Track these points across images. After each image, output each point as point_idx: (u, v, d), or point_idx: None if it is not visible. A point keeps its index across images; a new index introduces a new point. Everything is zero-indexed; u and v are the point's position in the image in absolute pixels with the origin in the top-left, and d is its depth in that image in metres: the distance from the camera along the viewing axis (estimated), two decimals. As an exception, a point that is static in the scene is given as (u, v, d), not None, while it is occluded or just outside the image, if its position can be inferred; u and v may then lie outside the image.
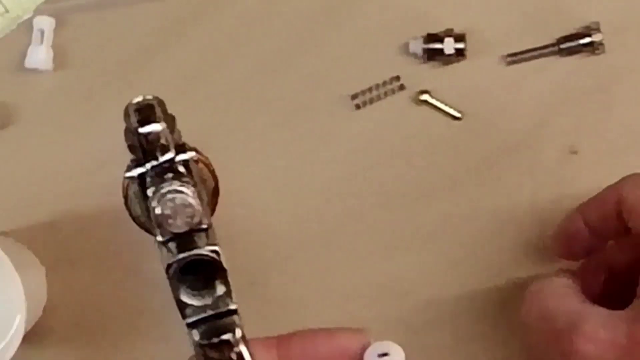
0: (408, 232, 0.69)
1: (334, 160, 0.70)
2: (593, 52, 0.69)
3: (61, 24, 0.72)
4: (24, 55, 0.72)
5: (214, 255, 0.47)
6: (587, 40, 0.69)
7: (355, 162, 0.70)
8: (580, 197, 0.68)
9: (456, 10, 0.70)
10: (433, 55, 0.69)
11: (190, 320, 0.47)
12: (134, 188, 0.53)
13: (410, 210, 0.70)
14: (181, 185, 0.48)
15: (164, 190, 0.48)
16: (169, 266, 0.48)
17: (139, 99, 0.53)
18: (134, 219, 0.66)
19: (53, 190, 0.72)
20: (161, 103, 0.53)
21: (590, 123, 0.69)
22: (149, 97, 0.53)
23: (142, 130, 0.50)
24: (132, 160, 0.52)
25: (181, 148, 0.51)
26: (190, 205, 0.47)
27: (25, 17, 0.72)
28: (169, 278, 0.48)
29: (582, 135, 0.69)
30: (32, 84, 0.72)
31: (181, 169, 0.50)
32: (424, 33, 0.69)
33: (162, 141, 0.50)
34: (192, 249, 0.47)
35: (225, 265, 0.48)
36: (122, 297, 0.71)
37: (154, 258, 0.70)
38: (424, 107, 0.70)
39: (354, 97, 0.70)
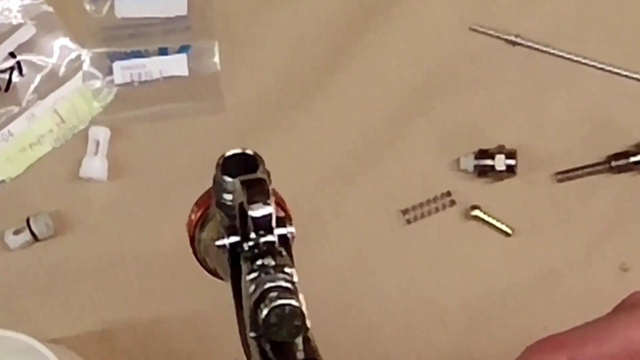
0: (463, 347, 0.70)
1: (386, 276, 0.70)
2: (644, 171, 0.70)
3: (117, 135, 0.73)
4: (79, 164, 0.73)
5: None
6: (638, 158, 0.69)
7: (407, 277, 0.70)
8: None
9: (508, 126, 0.71)
10: (484, 172, 0.70)
11: None
12: (207, 242, 0.49)
13: (462, 326, 0.70)
14: (286, 281, 0.42)
15: (268, 289, 0.42)
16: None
17: (236, 151, 0.47)
18: (200, 261, 0.59)
19: (106, 299, 0.72)
20: (260, 161, 0.47)
21: (641, 240, 0.70)
22: (249, 152, 0.47)
23: (252, 213, 0.44)
24: (225, 227, 0.46)
25: (281, 222, 0.46)
26: (300, 314, 0.42)
27: (81, 127, 0.74)
28: None
29: (634, 253, 0.70)
30: (86, 193, 0.73)
31: (282, 251, 0.44)
32: (476, 149, 0.70)
33: (272, 224, 0.44)
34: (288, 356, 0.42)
35: None
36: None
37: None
38: (475, 223, 0.70)
39: (405, 212, 0.71)
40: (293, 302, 0.42)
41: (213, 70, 0.72)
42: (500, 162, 0.69)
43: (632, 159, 0.70)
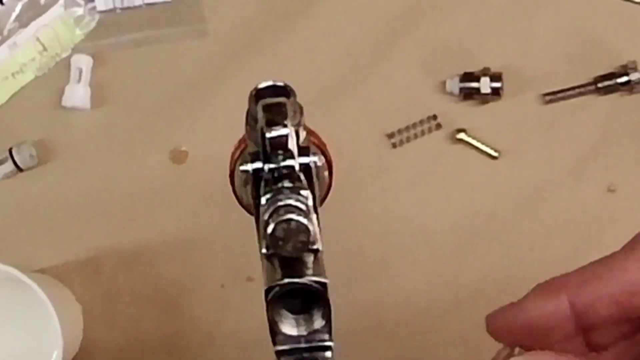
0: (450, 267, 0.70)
1: (370, 199, 0.70)
2: (631, 91, 0.69)
3: (99, 62, 0.72)
4: (61, 93, 0.72)
5: (319, 287, 0.43)
6: (624, 79, 0.69)
7: (393, 201, 0.70)
8: (619, 236, 0.68)
9: (494, 47, 0.70)
10: (470, 95, 0.69)
11: (280, 348, 0.43)
12: (244, 175, 0.49)
13: (449, 246, 0.70)
14: (298, 201, 0.43)
15: (280, 206, 0.43)
16: (269, 289, 0.43)
17: (268, 83, 0.48)
18: (238, 197, 0.59)
19: (91, 227, 0.72)
20: (291, 92, 0.48)
21: (628, 161, 0.69)
22: (280, 83, 0.48)
23: (268, 134, 0.45)
24: (249, 153, 0.47)
25: (304, 150, 0.47)
26: (305, 230, 0.43)
27: (64, 55, 0.73)
28: (266, 300, 0.43)
29: (620, 174, 0.69)
30: (70, 122, 0.73)
31: (301, 175, 0.46)
32: (461, 72, 0.69)
33: (288, 146, 0.45)
34: (298, 274, 0.43)
35: (330, 298, 0.43)
36: (161, 333, 0.71)
37: (194, 294, 0.71)
38: (461, 146, 0.70)
39: (390, 135, 0.70)
40: (300, 218, 0.43)
41: (195, -5, 0.72)
42: (485, 85, 0.69)
43: (619, 80, 0.69)
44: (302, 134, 0.49)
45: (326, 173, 0.67)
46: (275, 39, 0.71)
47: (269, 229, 0.43)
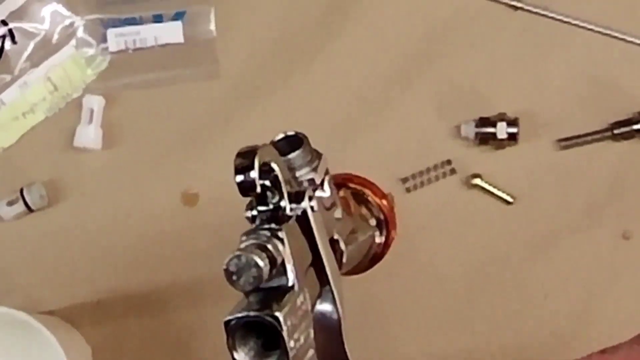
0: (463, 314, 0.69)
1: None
2: (647, 137, 0.69)
3: (111, 102, 0.72)
4: (72, 133, 0.72)
5: (272, 321, 0.43)
6: (641, 125, 0.68)
7: (406, 246, 0.69)
8: (634, 283, 0.68)
9: (509, 94, 0.69)
10: (485, 139, 0.69)
11: None
12: None
13: (462, 293, 0.69)
14: (267, 242, 0.45)
15: (241, 246, 0.45)
16: (227, 322, 0.44)
17: (280, 137, 0.51)
18: None
19: (100, 269, 0.72)
20: (299, 142, 0.51)
21: (644, 208, 0.69)
22: (290, 133, 0.51)
23: (236, 178, 0.47)
24: (250, 200, 0.49)
25: (298, 196, 0.48)
26: (255, 266, 0.44)
27: (75, 95, 0.72)
28: (226, 332, 0.44)
29: (635, 220, 0.69)
30: (80, 162, 0.72)
31: (291, 219, 0.47)
32: (476, 115, 0.69)
33: (256, 191, 0.46)
34: (262, 309, 0.44)
35: (284, 332, 0.43)
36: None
37: (203, 339, 0.71)
38: (475, 191, 0.69)
39: (404, 180, 0.70)
40: (252, 255, 0.44)
41: (208, 37, 0.71)
42: (502, 130, 0.68)
43: (635, 126, 0.68)
44: (319, 180, 0.51)
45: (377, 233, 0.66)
46: (288, 81, 0.71)
47: (224, 266, 0.44)
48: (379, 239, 0.67)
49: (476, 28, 0.70)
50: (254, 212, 0.48)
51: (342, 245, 0.53)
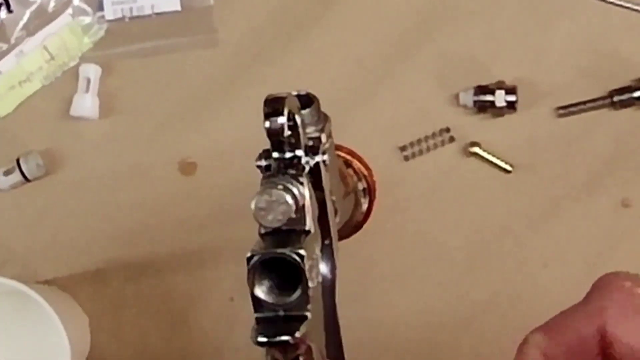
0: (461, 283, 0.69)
1: (381, 213, 0.69)
2: (646, 105, 0.68)
3: (107, 72, 0.71)
4: (69, 102, 0.71)
5: (296, 258, 0.45)
6: (640, 93, 0.68)
7: (404, 214, 0.69)
8: (633, 251, 0.68)
9: (508, 62, 0.69)
10: (484, 108, 0.68)
11: (258, 315, 0.45)
12: None
13: (460, 262, 0.69)
14: (288, 182, 0.46)
15: (268, 182, 0.46)
16: (250, 257, 0.45)
17: (299, 93, 0.52)
18: None
19: (98, 238, 0.71)
20: (314, 99, 0.52)
21: (643, 176, 0.69)
22: (302, 92, 0.52)
23: (265, 123, 0.47)
24: (263, 150, 0.50)
25: (315, 149, 0.49)
26: (285, 202, 0.45)
27: (71, 64, 0.72)
28: (247, 268, 0.46)
29: (635, 188, 0.68)
30: (77, 131, 0.72)
31: (306, 168, 0.49)
32: (475, 83, 0.68)
33: (285, 136, 0.47)
34: (279, 247, 0.45)
35: (306, 270, 0.45)
36: (169, 347, 0.71)
37: (202, 307, 0.70)
38: (474, 160, 0.69)
39: (402, 148, 0.69)
40: (281, 191, 0.45)
41: (206, 4, 0.70)
42: (500, 98, 0.68)
43: (635, 94, 0.68)
44: (325, 140, 0.52)
45: (365, 200, 0.67)
46: (287, 50, 0.70)
47: (252, 203, 0.45)
48: (363, 207, 0.68)
49: (476, -5, 0.69)
50: (268, 161, 0.49)
51: (337, 205, 0.53)
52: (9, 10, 0.72)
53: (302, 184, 0.47)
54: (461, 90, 0.69)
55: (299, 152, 0.48)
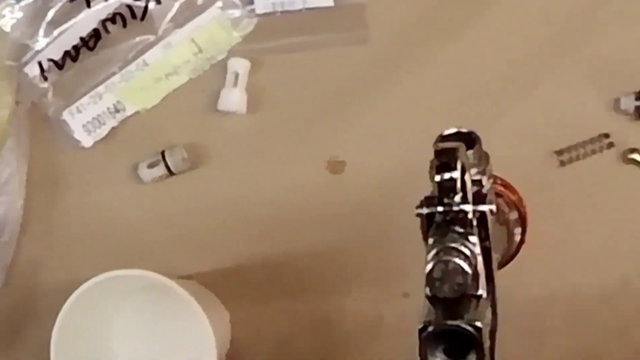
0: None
1: (534, 218, 0.67)
2: None
3: (256, 66, 0.71)
4: (216, 96, 0.71)
5: (473, 331, 0.44)
6: None
7: (558, 218, 0.67)
8: None
9: (671, 65, 0.67)
10: (645, 113, 0.66)
11: None
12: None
13: (615, 274, 0.67)
14: (462, 245, 0.45)
15: (442, 248, 0.45)
16: (423, 328, 0.44)
17: (451, 131, 0.50)
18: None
19: (239, 234, 0.71)
20: (476, 139, 0.50)
21: None
22: (464, 130, 0.50)
23: (437, 177, 0.46)
24: (425, 197, 0.48)
25: (480, 197, 0.48)
26: (463, 272, 0.44)
27: (220, 57, 0.71)
28: (419, 338, 0.45)
29: None
30: (224, 126, 0.71)
31: (474, 221, 0.47)
32: (635, 88, 0.66)
33: (457, 190, 0.46)
34: (455, 317, 0.44)
35: (484, 342, 0.44)
36: (311, 347, 0.70)
37: (346, 308, 0.69)
38: (633, 167, 0.67)
39: (559, 153, 0.67)
40: (459, 260, 0.44)
41: (360, 1, 0.69)
42: (663, 104, 0.66)
43: None
44: (486, 182, 0.50)
45: (518, 230, 0.65)
46: (438, 49, 0.69)
47: (427, 269, 0.45)
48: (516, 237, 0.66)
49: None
50: (430, 209, 0.48)
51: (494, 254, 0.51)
52: (158, 2, 0.71)
53: (474, 244, 0.46)
54: (622, 95, 0.67)
55: (467, 207, 0.47)
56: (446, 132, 0.50)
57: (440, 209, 0.47)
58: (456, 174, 0.46)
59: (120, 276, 0.64)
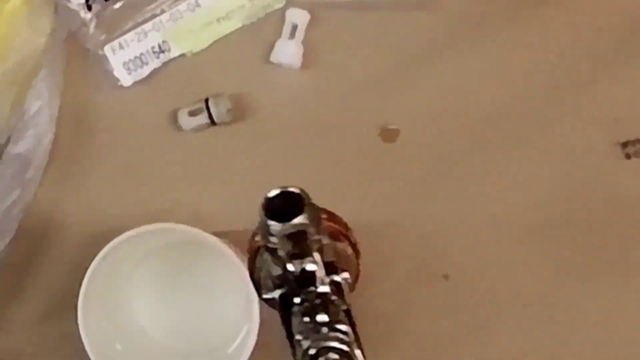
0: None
1: (591, 212, 0.64)
2: None
3: (314, 20, 0.67)
4: (269, 47, 0.67)
5: None
6: None
7: (618, 216, 0.64)
8: None
9: None
10: None
11: None
12: (267, 265, 0.49)
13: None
14: (336, 340, 0.44)
15: (316, 348, 0.44)
16: None
17: (276, 192, 0.46)
18: (254, 280, 0.57)
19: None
20: (305, 198, 0.45)
21: None
22: (294, 189, 0.45)
23: (291, 268, 0.45)
24: (275, 277, 0.47)
25: (331, 268, 0.47)
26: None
27: (277, 6, 0.67)
28: None
29: None
30: (274, 79, 0.67)
31: (334, 299, 0.47)
32: None
33: (317, 281, 0.46)
34: None
35: None
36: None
37: (377, 284, 0.65)
38: (702, 165, 0.64)
39: (624, 145, 0.64)
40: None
41: (432, -38, 0.66)
42: None
43: None
44: (326, 241, 0.48)
45: (353, 257, 0.61)
46: (505, 27, 0.66)
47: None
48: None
49: None
50: (277, 294, 0.48)
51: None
52: (216, -58, 0.67)
53: (346, 334, 0.45)
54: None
55: (325, 289, 0.47)
56: (270, 194, 0.46)
57: (297, 300, 0.46)
58: (313, 267, 0.45)
59: (153, 231, 0.60)
